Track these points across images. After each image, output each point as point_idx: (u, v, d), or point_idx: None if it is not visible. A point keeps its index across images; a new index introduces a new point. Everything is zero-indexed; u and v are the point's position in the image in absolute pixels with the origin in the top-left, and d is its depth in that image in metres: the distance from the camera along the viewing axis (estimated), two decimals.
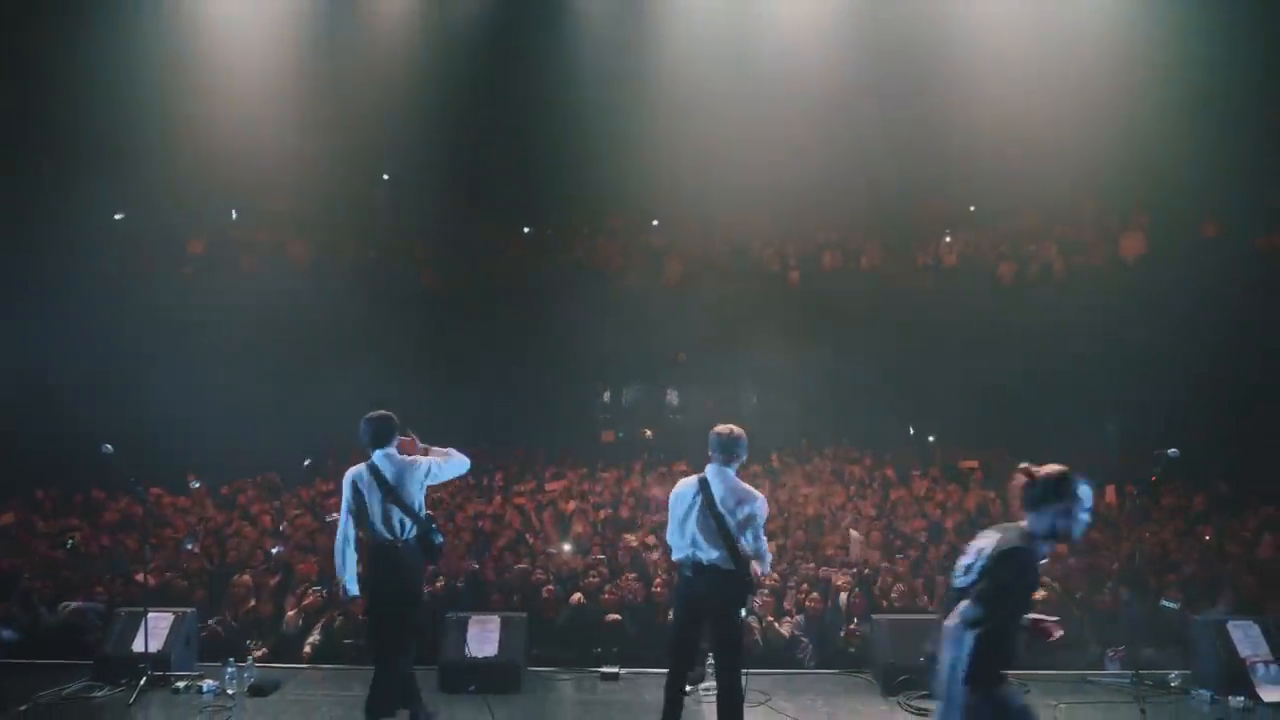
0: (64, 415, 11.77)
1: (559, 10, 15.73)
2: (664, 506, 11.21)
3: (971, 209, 16.57)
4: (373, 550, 5.60)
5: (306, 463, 6.22)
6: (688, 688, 6.59)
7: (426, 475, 5.73)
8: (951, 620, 3.58)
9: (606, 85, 15.27)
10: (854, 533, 10.09)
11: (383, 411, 5.78)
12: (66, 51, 13.99)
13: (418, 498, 5.68)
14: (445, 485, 12.69)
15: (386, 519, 5.57)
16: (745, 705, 6.07)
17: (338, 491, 12.99)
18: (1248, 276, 14.39)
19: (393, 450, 5.69)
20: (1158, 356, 13.06)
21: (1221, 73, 13.92)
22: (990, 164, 14.88)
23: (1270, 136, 13.93)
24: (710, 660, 6.81)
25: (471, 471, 13.46)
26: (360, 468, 5.68)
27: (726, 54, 14.97)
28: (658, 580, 8.39)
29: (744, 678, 5.50)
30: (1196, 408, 12.73)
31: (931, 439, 15.17)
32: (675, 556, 5.62)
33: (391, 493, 5.57)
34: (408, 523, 5.60)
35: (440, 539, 5.76)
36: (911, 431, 14.96)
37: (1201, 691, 6.65)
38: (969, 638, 3.49)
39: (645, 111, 15.06)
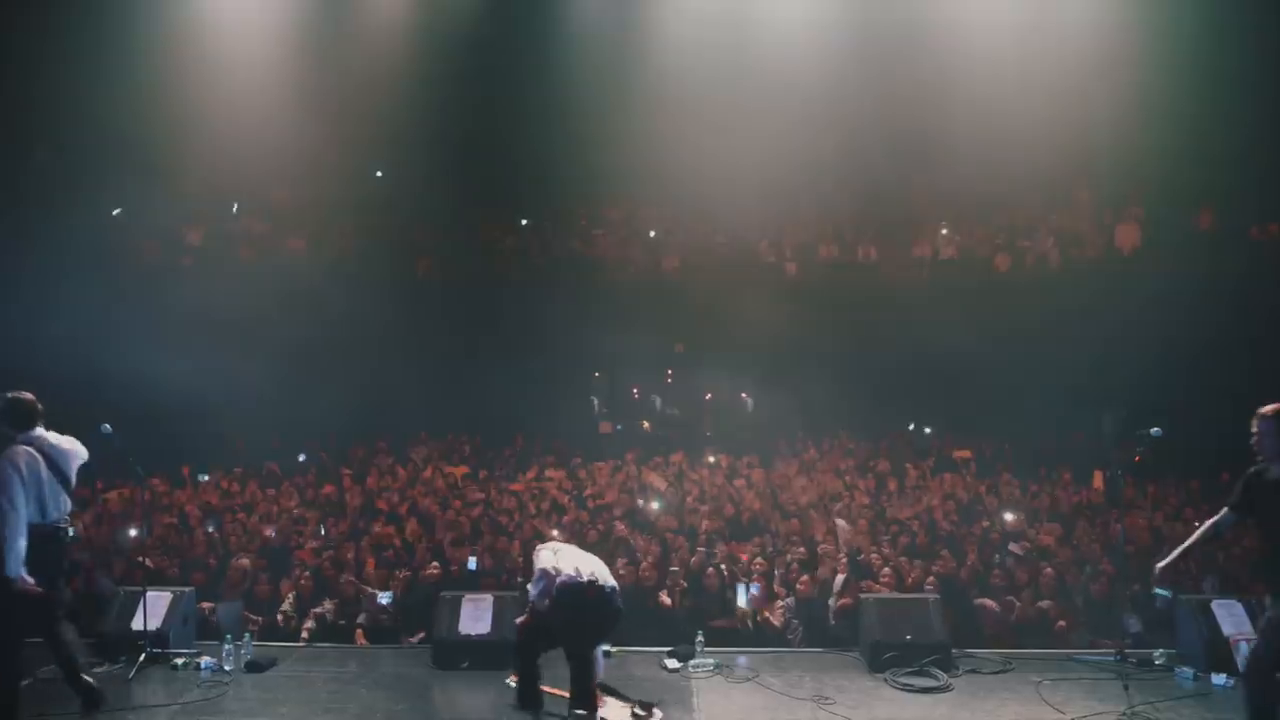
0: (60, 403, 11.82)
1: (556, 4, 15.81)
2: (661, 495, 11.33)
3: (968, 201, 16.64)
4: (37, 535, 5.35)
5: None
6: (674, 665, 6.73)
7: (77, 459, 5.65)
8: None
9: (604, 78, 15.36)
10: (840, 521, 10.25)
11: (23, 392, 5.56)
12: (66, 45, 14.09)
13: (73, 481, 5.62)
14: (446, 475, 12.86)
15: (55, 501, 5.48)
16: (733, 683, 6.25)
17: (330, 480, 12.92)
18: (1242, 267, 14.49)
19: (41, 430, 5.53)
20: (1154, 347, 13.11)
21: (1215, 64, 13.98)
22: (986, 156, 14.94)
23: (1264, 127, 13.99)
24: (700, 637, 6.93)
25: (469, 461, 13.70)
26: (27, 449, 5.40)
27: (723, 47, 15.06)
28: (645, 563, 8.52)
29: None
30: (1193, 397, 12.78)
31: (929, 430, 15.25)
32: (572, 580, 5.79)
33: (60, 474, 5.47)
34: (66, 506, 5.53)
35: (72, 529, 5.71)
36: (911, 426, 15.02)
37: (1185, 669, 6.71)
38: None
39: (642, 104, 15.14)
